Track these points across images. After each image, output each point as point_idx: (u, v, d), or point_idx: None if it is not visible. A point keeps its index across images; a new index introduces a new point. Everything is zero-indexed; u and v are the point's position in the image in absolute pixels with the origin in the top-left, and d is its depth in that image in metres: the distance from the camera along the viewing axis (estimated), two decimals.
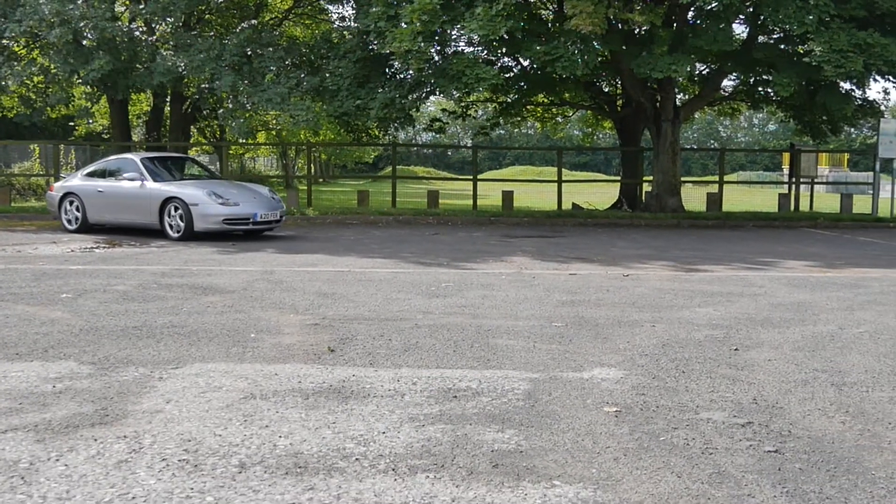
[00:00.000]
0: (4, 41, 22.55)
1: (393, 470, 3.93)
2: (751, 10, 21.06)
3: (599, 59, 20.66)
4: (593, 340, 6.84)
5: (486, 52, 22.12)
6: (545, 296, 9.16)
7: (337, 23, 27.83)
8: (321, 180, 53.70)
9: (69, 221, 16.65)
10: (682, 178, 25.97)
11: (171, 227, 15.29)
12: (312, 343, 6.59)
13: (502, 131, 49.71)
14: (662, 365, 6.03)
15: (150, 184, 15.73)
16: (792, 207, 24.92)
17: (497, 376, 5.63)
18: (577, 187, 35.27)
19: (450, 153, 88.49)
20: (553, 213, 23.01)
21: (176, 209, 15.23)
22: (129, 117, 28.69)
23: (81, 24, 20.75)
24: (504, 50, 22.18)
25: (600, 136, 40.70)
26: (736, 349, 6.58)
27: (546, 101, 27.29)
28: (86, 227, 16.48)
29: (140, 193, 15.76)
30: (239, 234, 15.99)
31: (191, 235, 15.13)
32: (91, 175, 16.85)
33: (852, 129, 52.63)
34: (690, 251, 14.62)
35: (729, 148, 69.70)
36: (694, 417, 4.80)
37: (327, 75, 21.88)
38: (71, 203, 16.61)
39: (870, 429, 4.65)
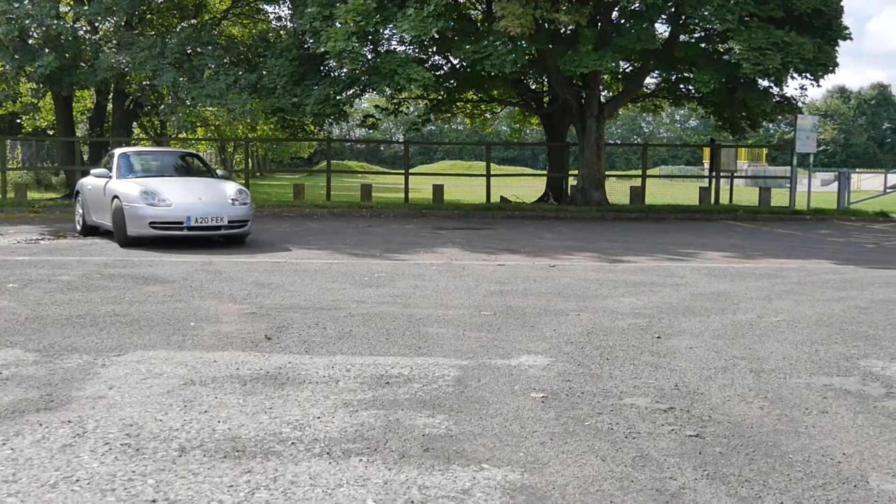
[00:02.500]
0: None
1: (328, 454, 4.01)
2: (673, 9, 21.45)
3: (527, 57, 20.90)
4: (521, 329, 6.98)
5: (417, 51, 22.27)
6: (474, 286, 9.30)
7: (274, 22, 28.04)
8: (258, 174, 53.29)
9: (78, 222, 14.96)
10: (607, 173, 26.39)
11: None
12: (250, 331, 6.67)
13: (433, 127, 49.71)
14: (587, 352, 6.17)
15: (112, 181, 13.51)
16: (712, 200, 25.42)
17: (428, 363, 5.74)
18: (506, 181, 35.64)
19: (382, 148, 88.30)
20: (482, 206, 23.21)
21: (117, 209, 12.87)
22: (74, 113, 28.48)
23: (27, 22, 20.82)
24: (435, 49, 22.33)
25: (528, 131, 40.97)
26: (658, 337, 6.73)
27: (475, 97, 27.43)
28: (87, 230, 14.55)
29: (103, 190, 13.61)
30: (220, 239, 13.41)
31: (125, 240, 12.70)
32: (91, 172, 14.51)
33: (770, 125, 53.67)
34: (614, 243, 14.87)
35: (651, 143, 70.60)
36: (618, 403, 4.92)
37: (264, 73, 22.02)
38: (78, 203, 15.01)
39: (787, 414, 4.78)
